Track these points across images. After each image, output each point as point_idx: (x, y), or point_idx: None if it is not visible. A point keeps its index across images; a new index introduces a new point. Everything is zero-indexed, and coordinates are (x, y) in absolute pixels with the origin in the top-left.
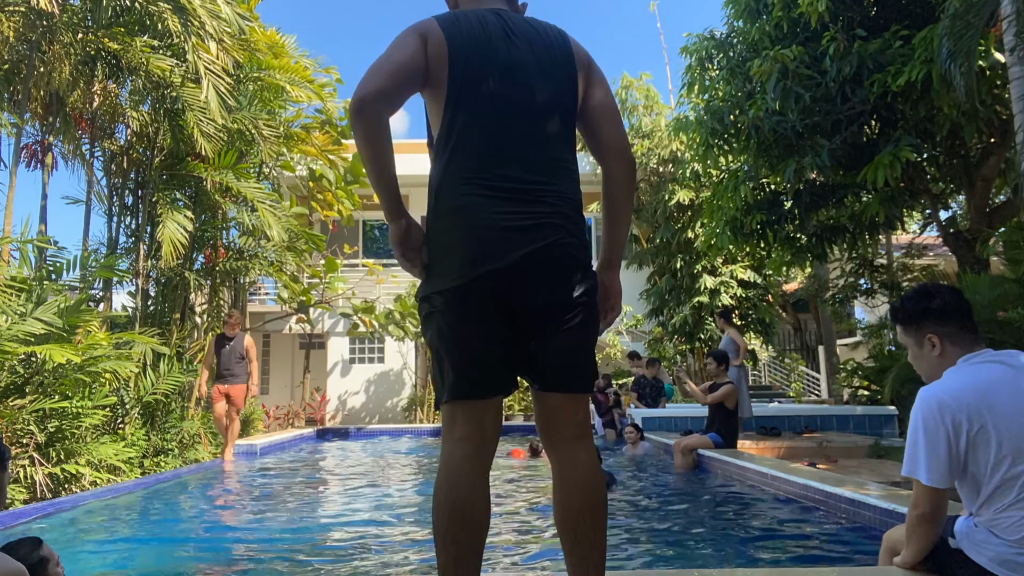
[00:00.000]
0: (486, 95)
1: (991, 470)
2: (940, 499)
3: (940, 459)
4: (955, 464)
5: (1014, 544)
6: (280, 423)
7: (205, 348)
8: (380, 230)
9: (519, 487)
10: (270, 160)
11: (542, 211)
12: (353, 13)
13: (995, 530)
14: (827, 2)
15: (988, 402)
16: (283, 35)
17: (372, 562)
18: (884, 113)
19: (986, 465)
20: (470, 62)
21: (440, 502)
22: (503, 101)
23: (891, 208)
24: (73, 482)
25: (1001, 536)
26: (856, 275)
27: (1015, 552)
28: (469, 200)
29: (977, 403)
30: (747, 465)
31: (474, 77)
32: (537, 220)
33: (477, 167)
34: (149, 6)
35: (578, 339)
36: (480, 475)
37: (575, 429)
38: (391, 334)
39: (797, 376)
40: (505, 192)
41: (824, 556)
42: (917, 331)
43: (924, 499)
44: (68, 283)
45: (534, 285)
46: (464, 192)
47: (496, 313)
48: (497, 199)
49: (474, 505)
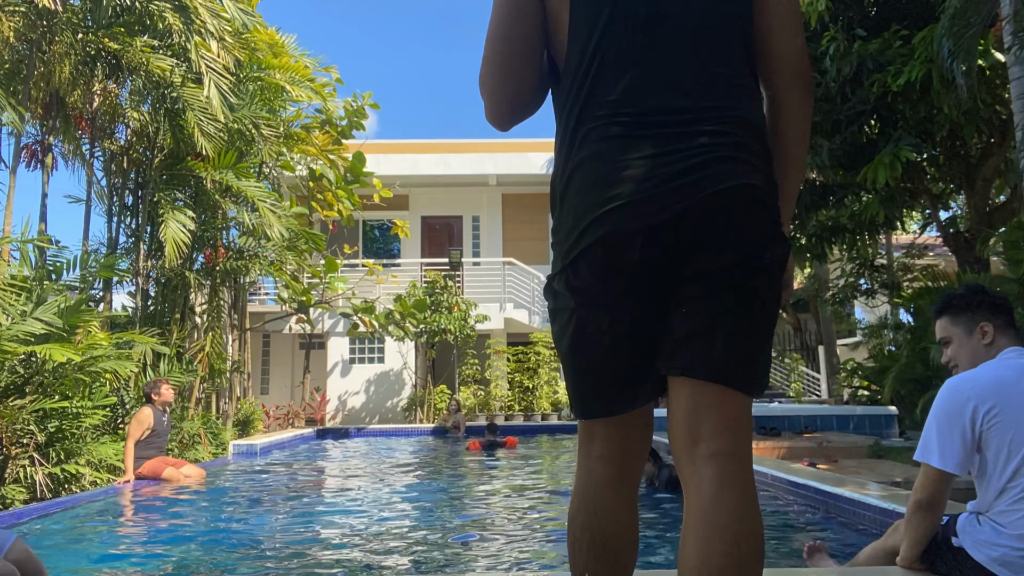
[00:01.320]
0: (615, 12)
1: (1004, 461)
2: (942, 486)
3: (954, 443)
4: (967, 450)
5: (1018, 540)
6: (280, 423)
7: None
8: (380, 230)
9: (488, 486)
10: (270, 160)
11: (718, 143)
12: (353, 13)
13: (1002, 524)
14: (827, 2)
15: (1005, 393)
16: (283, 34)
17: (372, 562)
18: (884, 113)
19: (998, 455)
20: None
21: (576, 534)
22: (645, 4)
23: (891, 208)
24: (73, 482)
25: (1007, 530)
26: (856, 275)
27: (1017, 553)
28: (603, 147)
29: (994, 392)
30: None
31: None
32: (712, 154)
33: (615, 103)
34: (149, 5)
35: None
36: (626, 501)
37: (723, 441)
38: (391, 334)
39: (797, 376)
40: (659, 127)
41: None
42: (971, 319)
43: (926, 485)
44: (68, 283)
45: (702, 242)
46: (598, 137)
47: (635, 300)
48: (646, 139)
49: (618, 539)
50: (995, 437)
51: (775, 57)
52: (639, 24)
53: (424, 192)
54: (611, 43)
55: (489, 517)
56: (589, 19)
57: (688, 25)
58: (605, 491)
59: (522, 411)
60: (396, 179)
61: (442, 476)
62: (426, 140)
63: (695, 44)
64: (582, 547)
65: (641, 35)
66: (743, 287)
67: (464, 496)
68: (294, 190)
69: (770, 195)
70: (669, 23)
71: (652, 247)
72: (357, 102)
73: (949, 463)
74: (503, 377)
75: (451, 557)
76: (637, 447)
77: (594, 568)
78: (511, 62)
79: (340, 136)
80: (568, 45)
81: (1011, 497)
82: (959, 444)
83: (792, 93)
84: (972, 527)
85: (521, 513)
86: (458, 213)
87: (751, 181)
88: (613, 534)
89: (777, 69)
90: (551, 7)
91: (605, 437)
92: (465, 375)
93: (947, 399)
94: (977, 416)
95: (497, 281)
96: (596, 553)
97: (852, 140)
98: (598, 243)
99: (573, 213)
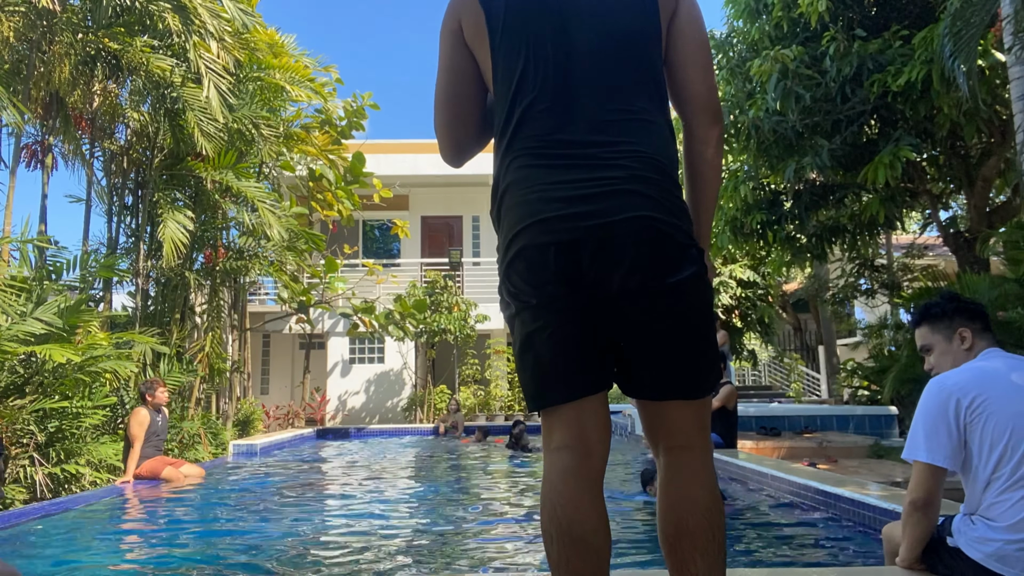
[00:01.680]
0: (535, 46)
1: (988, 452)
2: (934, 483)
3: (940, 438)
4: (954, 444)
5: (1008, 531)
6: (280, 423)
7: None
8: (380, 230)
9: (495, 479)
10: (270, 160)
11: (614, 176)
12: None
13: (991, 517)
14: (827, 2)
15: (985, 386)
16: (283, 34)
17: (372, 562)
18: (884, 113)
19: (981, 447)
20: (509, 17)
21: (545, 526)
22: (556, 49)
23: (891, 208)
24: (73, 482)
25: (997, 523)
26: (856, 275)
27: (1013, 547)
28: (522, 174)
29: (975, 386)
30: (747, 465)
31: (517, 30)
32: (608, 187)
33: (532, 136)
34: (149, 5)
35: (680, 334)
36: (588, 490)
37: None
38: (391, 334)
39: (797, 376)
40: (565, 159)
41: (824, 556)
42: (949, 326)
43: (919, 483)
44: (68, 283)
45: (608, 266)
46: (518, 166)
47: (565, 303)
48: (554, 168)
49: (583, 525)
50: (978, 429)
51: (685, 93)
52: (552, 68)
53: (424, 192)
54: (528, 86)
55: (489, 517)
56: (509, 67)
57: (598, 67)
58: (567, 480)
59: (522, 411)
60: (396, 179)
61: (442, 476)
62: (426, 140)
63: (604, 83)
64: (552, 538)
65: (554, 78)
66: (665, 307)
67: (464, 496)
68: (294, 190)
69: (673, 223)
70: (579, 65)
71: (566, 262)
72: (357, 102)
73: (938, 457)
74: (503, 377)
75: (452, 557)
76: (594, 436)
77: (567, 556)
78: (456, 112)
79: (340, 136)
80: (495, 89)
81: (997, 488)
82: (945, 438)
83: (701, 126)
84: (966, 526)
85: (521, 513)
86: (458, 213)
87: (648, 213)
88: (579, 522)
89: (687, 103)
90: (481, 60)
91: (562, 428)
92: (465, 375)
93: (930, 397)
94: (960, 410)
95: (497, 281)
96: (565, 541)
97: (852, 140)
98: (520, 254)
99: (504, 230)
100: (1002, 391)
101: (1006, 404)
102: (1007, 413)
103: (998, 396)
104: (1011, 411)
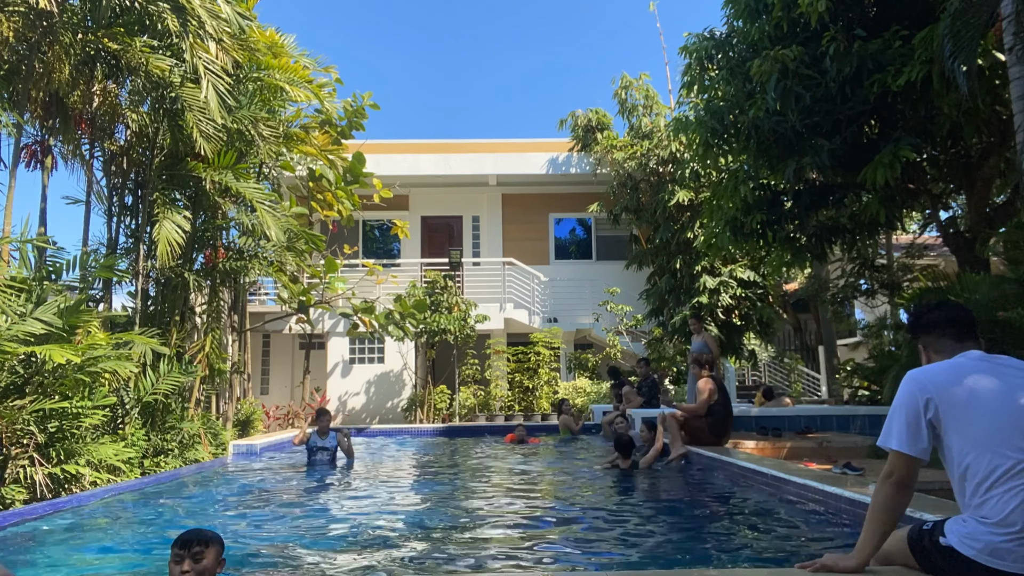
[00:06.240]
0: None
1: (959, 458)
2: (904, 468)
3: (910, 426)
4: (924, 432)
5: (999, 526)
6: (280, 423)
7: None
8: (380, 230)
9: (516, 480)
10: (269, 160)
11: None
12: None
13: (982, 514)
14: (827, 2)
15: (960, 382)
16: (282, 35)
17: (373, 561)
18: (884, 113)
19: (950, 451)
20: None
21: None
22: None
23: (891, 208)
24: (73, 482)
25: (988, 519)
26: (856, 275)
27: (1003, 539)
28: None
29: (948, 382)
30: (747, 465)
31: None
32: None
33: None
34: (148, 6)
35: None
36: None
37: None
38: (391, 334)
39: (797, 376)
40: None
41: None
42: (915, 340)
43: (890, 462)
44: (68, 283)
45: None
46: None
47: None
48: None
49: None
50: (950, 425)
51: None
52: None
53: (424, 192)
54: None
55: (490, 516)
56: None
57: None
58: None
59: (522, 411)
60: (396, 179)
61: (442, 476)
62: (426, 140)
63: None
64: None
65: None
66: None
67: (465, 496)
68: (294, 190)
69: None
70: None
71: None
72: (357, 102)
73: (905, 444)
74: (503, 377)
75: (452, 557)
76: None
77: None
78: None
79: (340, 136)
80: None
81: (980, 491)
82: (914, 426)
83: None
84: (959, 525)
85: (522, 512)
86: (458, 213)
87: None
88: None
89: None
90: None
91: None
92: (465, 375)
93: (904, 388)
94: (929, 408)
95: (497, 281)
96: None
97: (852, 140)
98: None
99: None
100: (973, 389)
101: (977, 402)
102: (978, 411)
103: (963, 401)
104: (984, 408)
